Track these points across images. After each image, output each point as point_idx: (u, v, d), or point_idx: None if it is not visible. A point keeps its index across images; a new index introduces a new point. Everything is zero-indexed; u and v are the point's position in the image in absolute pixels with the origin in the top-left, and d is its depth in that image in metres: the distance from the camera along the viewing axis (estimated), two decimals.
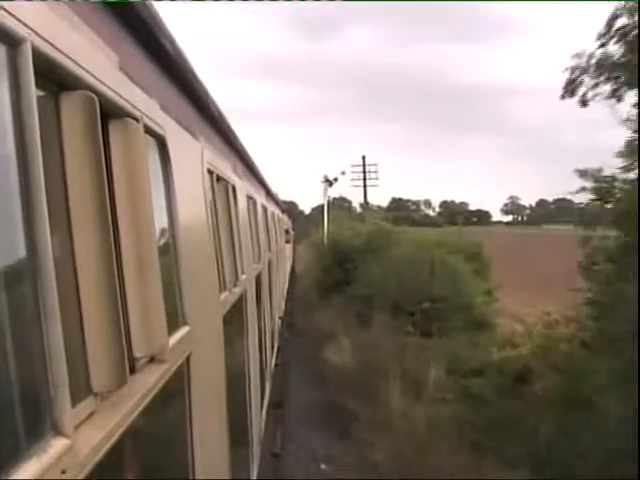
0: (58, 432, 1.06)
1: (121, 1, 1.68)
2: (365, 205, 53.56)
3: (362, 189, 53.29)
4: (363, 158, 54.73)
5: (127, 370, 1.35)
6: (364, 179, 53.61)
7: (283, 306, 14.28)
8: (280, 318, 11.77)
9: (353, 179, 53.85)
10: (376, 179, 54.23)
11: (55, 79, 1.23)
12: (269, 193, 11.53)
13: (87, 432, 1.18)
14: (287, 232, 23.33)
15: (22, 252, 1.03)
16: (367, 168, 54.12)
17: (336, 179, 43.24)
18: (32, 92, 1.04)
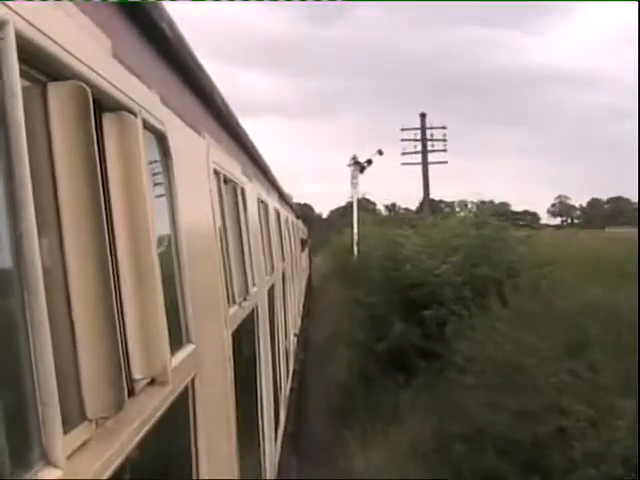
0: (48, 462, 1.06)
1: None
2: (425, 196, 38.81)
3: (410, 169, 39.32)
4: (422, 117, 39.13)
5: (125, 393, 1.36)
6: (423, 151, 38.35)
7: (299, 322, 14.28)
8: (295, 335, 11.78)
9: (405, 152, 39.19)
10: (444, 151, 39.04)
11: (42, 68, 1.24)
12: (282, 196, 11.57)
13: (80, 462, 1.18)
14: (303, 242, 23.28)
15: (7, 260, 1.04)
16: (428, 134, 38.55)
17: (370, 161, 34.08)
18: (16, 83, 1.05)
